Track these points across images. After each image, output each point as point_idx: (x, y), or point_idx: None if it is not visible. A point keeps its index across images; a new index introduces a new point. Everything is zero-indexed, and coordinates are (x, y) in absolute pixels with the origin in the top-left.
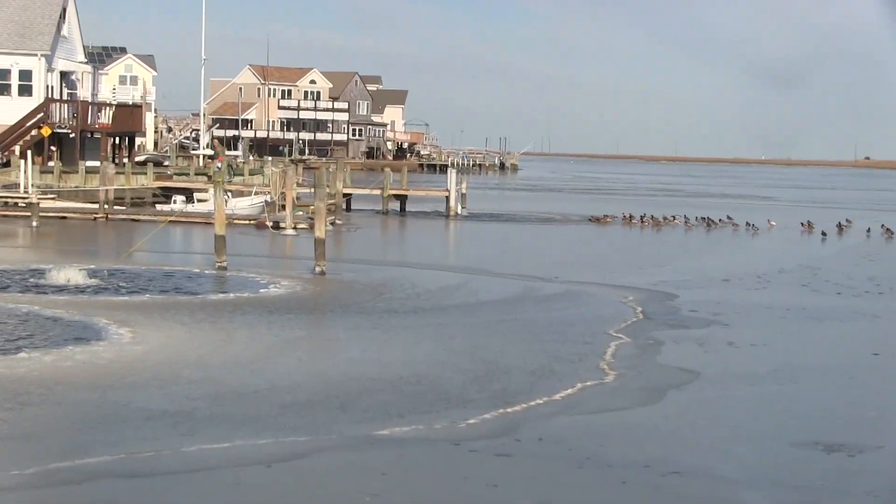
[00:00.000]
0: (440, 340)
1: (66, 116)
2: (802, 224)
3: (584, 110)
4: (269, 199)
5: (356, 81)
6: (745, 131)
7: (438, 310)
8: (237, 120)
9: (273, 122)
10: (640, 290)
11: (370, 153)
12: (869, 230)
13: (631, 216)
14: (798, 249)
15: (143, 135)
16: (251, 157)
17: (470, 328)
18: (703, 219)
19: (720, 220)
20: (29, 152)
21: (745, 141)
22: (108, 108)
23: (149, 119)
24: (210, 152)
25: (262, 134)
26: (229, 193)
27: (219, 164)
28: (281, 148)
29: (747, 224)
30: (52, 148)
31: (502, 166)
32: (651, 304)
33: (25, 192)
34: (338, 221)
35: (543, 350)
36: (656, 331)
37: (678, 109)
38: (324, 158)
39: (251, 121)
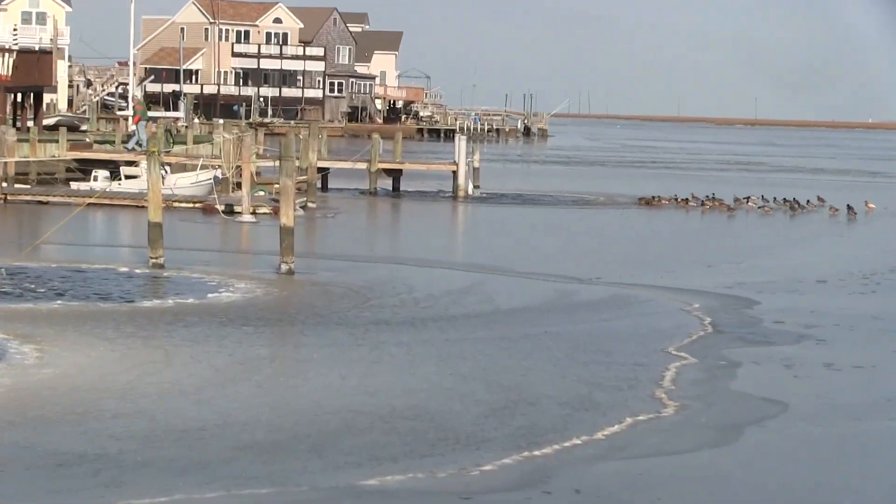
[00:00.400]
0: (446, 361)
1: None
2: None
3: (635, 59)
4: (219, 176)
5: (335, 20)
6: (849, 85)
7: (443, 321)
8: (178, 71)
9: (226, 73)
10: (708, 295)
11: (353, 115)
12: None
13: (689, 198)
14: None
15: (54, 90)
16: (196, 120)
17: (485, 345)
18: (787, 200)
19: (808, 202)
20: None
21: (848, 98)
22: (6, 55)
23: (61, 69)
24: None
25: (210, 89)
26: (167, 168)
27: (133, 127)
28: (236, 108)
29: (848, 208)
30: None
31: (527, 132)
32: (723, 314)
33: None
34: (311, 204)
35: (581, 374)
36: (730, 348)
37: (761, 58)
38: (292, 122)
39: (197, 72)
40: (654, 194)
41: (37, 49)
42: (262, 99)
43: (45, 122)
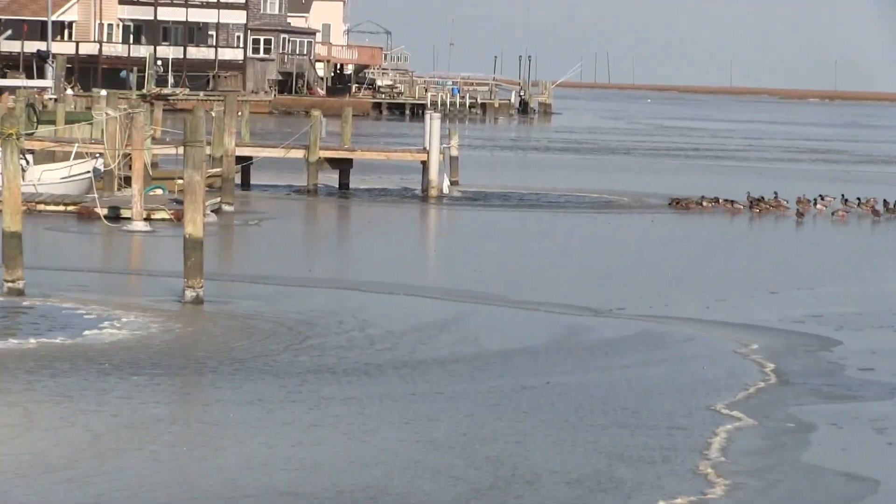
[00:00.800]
0: (412, 424)
1: None
2: None
3: (672, 8)
4: (100, 168)
5: None
6: None
7: (409, 368)
8: (43, 24)
9: (110, 27)
10: (770, 332)
11: (286, 84)
12: None
13: (746, 198)
14: None
15: None
16: (70, 91)
17: (466, 401)
18: (867, 203)
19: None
20: None
21: None
22: None
23: None
24: None
25: (89, 49)
26: (29, 157)
27: None
28: (124, 74)
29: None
30: None
31: (524, 108)
32: (791, 358)
33: None
34: (227, 207)
35: (598, 441)
36: (801, 405)
37: (838, 15)
38: (201, 93)
39: (70, 25)
40: (692, 195)
41: None
42: (159, 62)
43: None
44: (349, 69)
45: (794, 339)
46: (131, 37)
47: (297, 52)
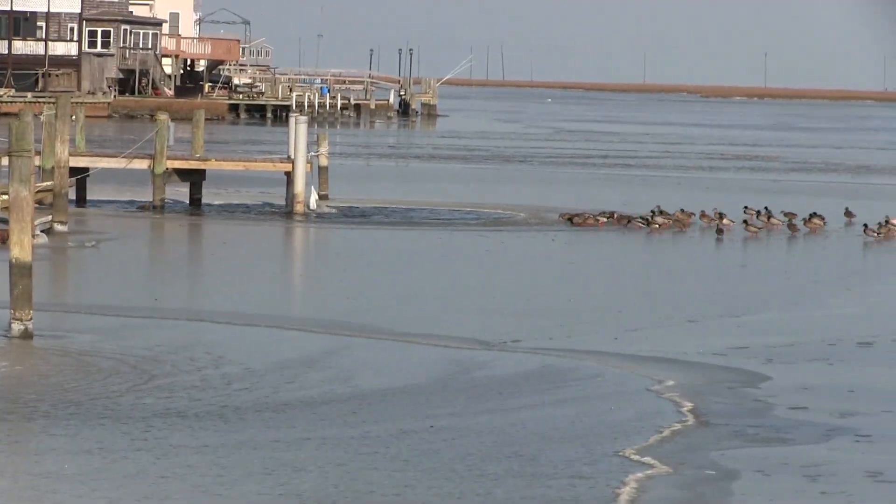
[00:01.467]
0: (275, 475)
1: None
2: None
3: None
4: None
5: None
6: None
7: (271, 411)
8: None
9: None
10: (689, 367)
11: (128, 83)
12: None
13: (652, 214)
14: None
15: None
16: None
17: (337, 449)
18: (786, 214)
19: (812, 216)
20: None
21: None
22: None
23: None
24: None
25: None
26: None
27: None
28: None
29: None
30: None
31: (405, 109)
32: (712, 396)
33: None
34: (60, 227)
35: (490, 492)
36: (723, 450)
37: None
38: (29, 94)
39: None
40: (590, 209)
41: None
42: None
43: None
44: (201, 65)
45: (716, 374)
46: None
47: (141, 45)
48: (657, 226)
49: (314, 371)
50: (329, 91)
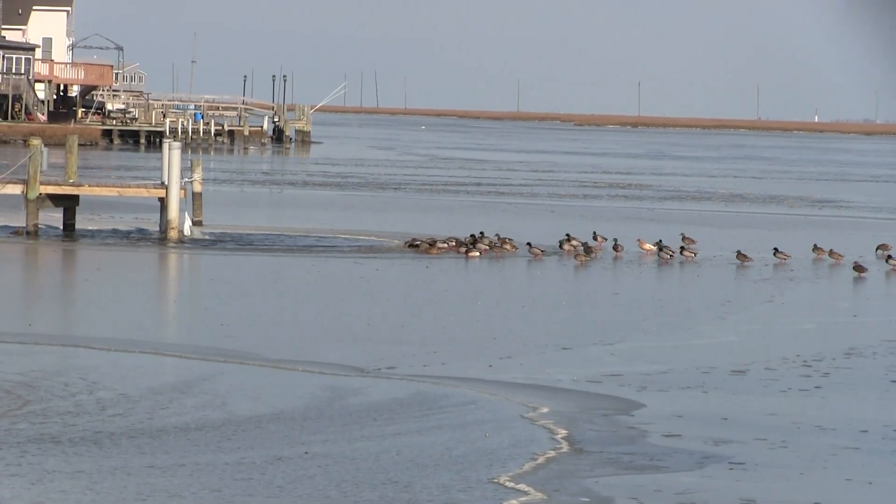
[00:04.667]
0: (151, 500)
1: None
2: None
3: (448, 21)
4: None
5: None
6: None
7: (147, 437)
8: None
9: None
10: (562, 394)
11: (0, 108)
12: None
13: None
14: (882, 304)
15: None
16: None
17: (212, 475)
18: (680, 248)
19: (681, 247)
20: None
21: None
22: None
23: None
24: None
25: None
26: None
27: None
28: None
29: (857, 268)
30: None
31: (279, 136)
32: (586, 424)
33: None
34: None
35: None
36: (597, 477)
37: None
38: None
39: None
40: (437, 234)
41: None
42: None
43: None
44: (74, 91)
45: (590, 401)
46: None
47: (14, 70)
48: (498, 250)
49: (189, 397)
50: (203, 117)
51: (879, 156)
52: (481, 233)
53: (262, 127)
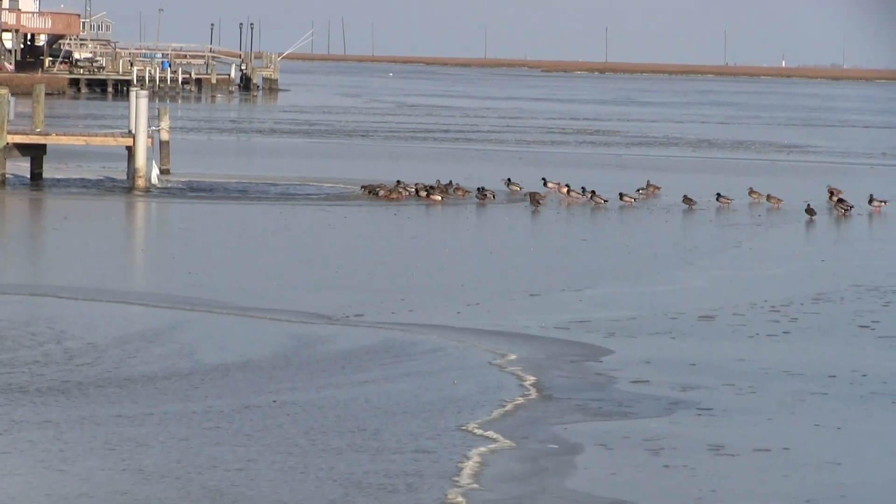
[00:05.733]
0: (117, 450)
1: None
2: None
3: None
4: None
5: None
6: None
7: (114, 386)
8: None
9: None
10: (531, 341)
11: None
12: None
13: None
14: (850, 249)
15: None
16: None
17: (180, 424)
18: (642, 190)
19: (645, 189)
20: None
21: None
22: None
23: None
24: None
25: None
26: None
27: None
28: None
29: (809, 211)
30: None
31: (246, 84)
32: (554, 370)
33: None
34: None
35: (332, 467)
36: (565, 423)
37: None
38: None
39: None
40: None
41: None
42: None
43: None
44: (42, 40)
45: (558, 348)
46: None
47: None
48: (438, 199)
49: (156, 346)
50: (170, 65)
51: (847, 101)
52: (438, 181)
53: (229, 75)
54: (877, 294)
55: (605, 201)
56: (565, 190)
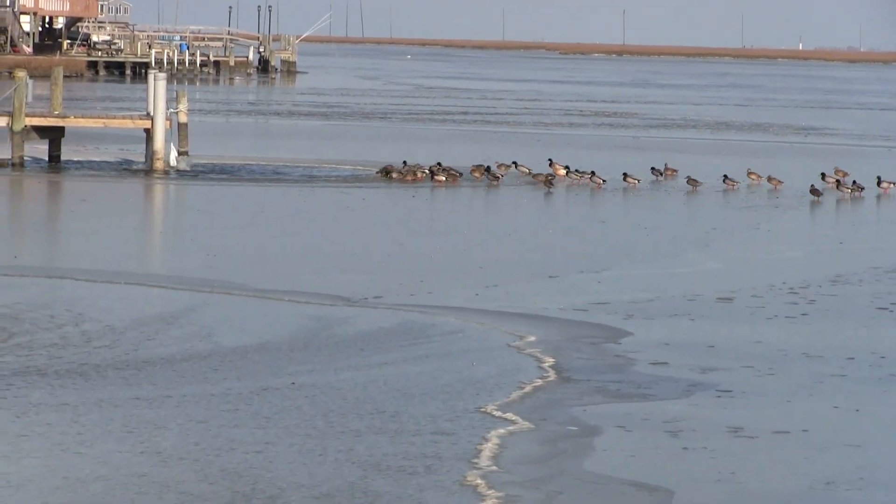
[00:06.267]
0: (135, 433)
1: None
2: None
3: None
4: None
5: None
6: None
7: (132, 368)
8: None
9: None
10: (550, 323)
11: None
12: None
13: (489, 170)
14: (868, 231)
15: None
16: None
17: (198, 406)
18: (658, 171)
19: (664, 170)
20: None
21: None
22: None
23: None
24: None
25: None
26: None
27: None
28: None
29: (813, 190)
30: None
31: (265, 66)
32: (573, 352)
33: None
34: None
35: (352, 449)
36: (584, 406)
37: None
38: None
39: None
40: (407, 163)
41: None
42: None
43: None
44: (60, 23)
45: (577, 330)
46: None
47: None
48: (441, 181)
49: (175, 328)
50: (188, 48)
51: (864, 83)
52: (438, 163)
53: (247, 57)
54: (895, 276)
55: (603, 181)
56: (563, 172)
